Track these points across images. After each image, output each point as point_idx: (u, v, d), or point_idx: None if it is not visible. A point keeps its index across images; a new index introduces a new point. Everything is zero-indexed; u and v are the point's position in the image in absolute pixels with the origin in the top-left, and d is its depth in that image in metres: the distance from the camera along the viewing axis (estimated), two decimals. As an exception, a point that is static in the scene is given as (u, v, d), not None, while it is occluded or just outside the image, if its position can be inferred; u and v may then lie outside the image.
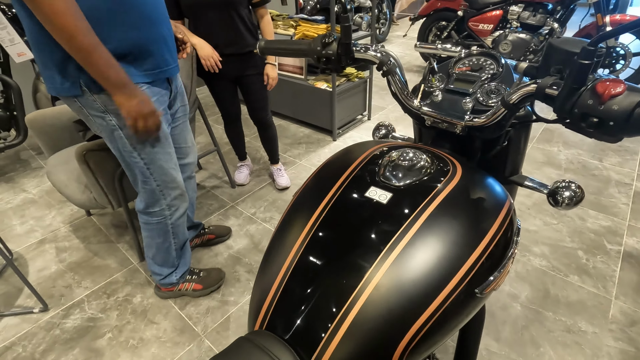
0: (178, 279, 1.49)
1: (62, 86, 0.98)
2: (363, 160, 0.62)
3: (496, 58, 0.68)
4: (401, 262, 0.48)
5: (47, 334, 1.42)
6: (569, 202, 0.66)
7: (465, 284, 0.48)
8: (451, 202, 0.53)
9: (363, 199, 0.55)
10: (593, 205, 1.94)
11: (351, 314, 0.46)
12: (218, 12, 1.59)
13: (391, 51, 0.71)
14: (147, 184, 1.21)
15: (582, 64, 0.44)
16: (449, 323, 0.48)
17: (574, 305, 1.43)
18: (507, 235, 0.55)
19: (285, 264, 0.53)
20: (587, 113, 0.45)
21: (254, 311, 0.53)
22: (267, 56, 1.62)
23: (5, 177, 2.45)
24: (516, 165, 0.74)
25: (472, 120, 0.62)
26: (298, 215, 0.58)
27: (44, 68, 0.97)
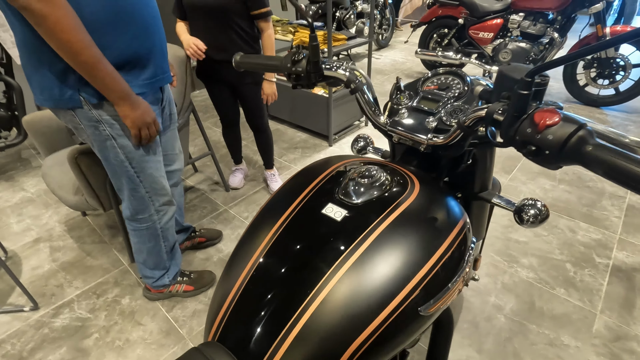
0: (170, 281, 1.51)
1: (61, 98, 0.98)
2: (326, 176, 0.63)
3: (463, 78, 0.70)
4: (348, 279, 0.49)
5: (36, 333, 1.45)
6: (533, 220, 0.67)
7: (409, 302, 0.49)
8: (403, 220, 0.54)
9: (319, 215, 0.57)
10: (585, 217, 1.93)
11: (297, 327, 0.48)
12: (211, 17, 1.62)
13: (360, 70, 0.73)
14: (136, 192, 1.22)
15: (521, 94, 0.45)
16: (391, 340, 0.49)
17: (558, 319, 1.42)
18: (458, 254, 0.56)
19: (241, 277, 0.54)
20: (526, 141, 0.46)
21: (209, 322, 0.55)
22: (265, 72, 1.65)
23: (5, 175, 2.49)
24: (484, 182, 0.75)
25: (432, 139, 0.63)
26: (258, 230, 0.59)
27: (39, 80, 0.96)
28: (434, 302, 0.51)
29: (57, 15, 0.80)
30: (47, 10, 0.78)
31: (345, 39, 2.58)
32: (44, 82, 0.96)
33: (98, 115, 1.04)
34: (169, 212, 1.37)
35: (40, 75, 0.95)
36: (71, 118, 1.05)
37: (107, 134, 1.08)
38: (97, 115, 1.03)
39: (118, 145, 1.10)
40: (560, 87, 3.56)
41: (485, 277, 1.61)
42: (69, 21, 0.82)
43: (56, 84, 0.96)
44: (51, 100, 0.99)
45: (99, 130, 1.07)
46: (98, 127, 1.06)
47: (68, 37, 0.83)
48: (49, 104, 1.01)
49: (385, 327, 0.48)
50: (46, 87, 0.97)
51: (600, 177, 2.22)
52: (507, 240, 1.80)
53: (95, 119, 1.04)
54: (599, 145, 0.41)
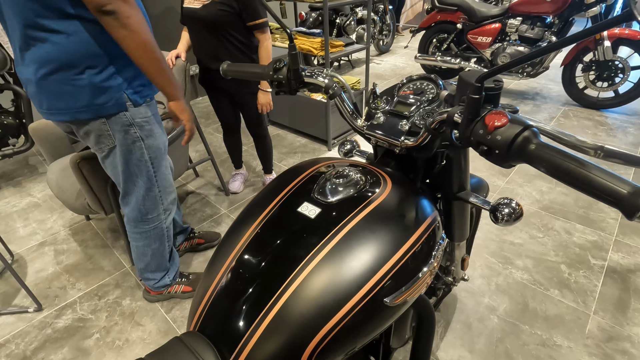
0: (171, 281, 1.55)
1: (105, 105, 1.01)
2: (306, 177, 0.67)
3: (436, 83, 0.73)
4: (318, 272, 0.52)
5: (40, 333, 1.49)
6: (508, 218, 0.70)
7: (374, 293, 0.52)
8: (374, 216, 0.58)
9: (295, 213, 0.60)
10: (581, 219, 1.94)
11: (269, 316, 0.51)
12: (207, 29, 1.65)
13: (339, 76, 0.77)
14: (150, 191, 1.27)
15: (473, 98, 0.48)
16: (357, 329, 0.52)
17: (551, 319, 1.43)
18: (426, 248, 0.59)
19: (221, 270, 0.58)
20: (479, 141, 0.49)
21: (192, 313, 0.58)
22: (260, 81, 1.70)
23: (13, 181, 2.57)
24: (462, 183, 0.78)
25: (404, 141, 0.66)
26: (239, 227, 0.63)
27: (72, 92, 0.96)
28: (400, 294, 0.54)
29: (139, 15, 0.89)
30: (132, 12, 0.87)
31: (342, 45, 2.63)
32: (80, 93, 0.98)
33: (131, 119, 1.09)
34: (172, 212, 1.42)
35: (76, 85, 0.97)
36: (100, 126, 1.07)
37: (137, 136, 1.14)
38: (130, 118, 1.09)
39: (145, 146, 1.17)
40: (560, 90, 3.57)
41: (479, 279, 1.62)
42: (144, 23, 0.91)
43: (100, 91, 0.99)
44: (93, 110, 1.01)
45: (129, 134, 1.11)
46: (129, 131, 1.11)
47: (147, 37, 0.91)
48: (88, 115, 1.01)
49: (352, 316, 0.51)
50: (84, 97, 0.99)
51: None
52: (501, 242, 1.81)
53: (128, 122, 1.09)
54: (542, 145, 0.44)
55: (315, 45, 2.48)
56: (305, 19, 4.03)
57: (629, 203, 0.37)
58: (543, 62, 3.24)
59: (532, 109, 3.27)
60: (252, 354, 0.50)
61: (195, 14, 1.62)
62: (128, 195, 1.28)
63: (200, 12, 1.60)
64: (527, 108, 3.30)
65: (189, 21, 1.69)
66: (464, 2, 3.49)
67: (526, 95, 3.59)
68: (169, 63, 1.71)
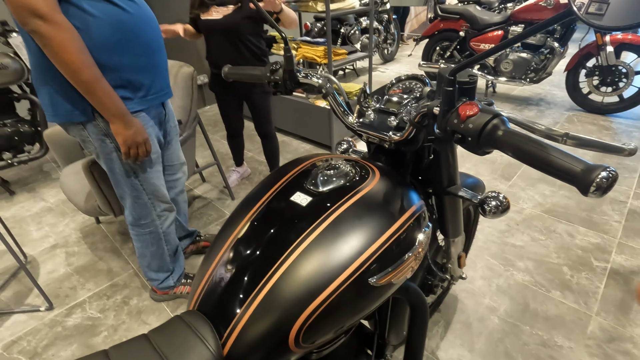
0: (175, 282, 1.59)
1: (73, 112, 1.05)
2: (301, 169, 0.71)
3: (424, 82, 0.77)
4: (307, 254, 0.56)
5: (50, 331, 1.54)
6: (495, 210, 0.73)
7: (360, 273, 0.56)
8: (361, 203, 0.62)
9: (288, 202, 0.64)
10: (584, 222, 1.94)
11: (260, 295, 0.55)
12: (225, 36, 1.77)
13: (332, 77, 0.81)
14: (139, 199, 1.31)
15: (447, 91, 0.52)
16: (343, 307, 0.55)
17: (552, 320, 1.43)
18: (410, 234, 0.62)
19: (219, 254, 0.62)
20: (455, 130, 0.52)
21: (192, 293, 0.63)
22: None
23: (27, 187, 2.66)
24: (451, 177, 0.81)
25: (392, 136, 0.70)
26: (237, 215, 0.67)
27: (50, 96, 1.03)
28: (384, 275, 0.58)
29: (62, 37, 0.88)
30: (53, 33, 0.86)
31: (345, 53, 2.69)
32: (55, 99, 1.03)
33: (105, 129, 1.11)
34: (169, 218, 1.45)
35: (52, 92, 1.02)
36: (80, 131, 1.12)
37: (112, 147, 1.16)
38: (104, 128, 1.11)
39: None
40: (564, 96, 3.57)
41: (479, 280, 1.63)
42: (72, 43, 0.89)
43: (68, 99, 1.03)
44: (63, 115, 1.06)
45: (106, 143, 1.15)
46: (105, 140, 1.14)
47: (70, 58, 0.90)
48: (60, 119, 1.07)
49: (338, 295, 0.54)
50: (58, 102, 1.04)
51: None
52: (503, 245, 1.82)
53: (102, 132, 1.12)
54: (508, 131, 0.47)
55: (319, 54, 2.55)
56: (310, 29, 4.13)
57: (582, 179, 0.40)
58: (546, 68, 3.26)
59: (536, 115, 3.28)
60: (245, 329, 0.54)
61: (217, 24, 1.73)
62: (122, 199, 1.33)
63: (222, 22, 1.72)
64: (532, 113, 3.31)
65: (209, 31, 1.79)
66: (466, 10, 3.55)
67: (530, 101, 3.60)
68: (176, 30, 1.76)
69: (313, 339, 0.55)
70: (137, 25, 1.06)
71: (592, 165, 0.41)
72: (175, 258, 1.57)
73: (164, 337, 0.54)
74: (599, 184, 0.39)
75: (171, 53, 3.86)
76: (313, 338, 0.55)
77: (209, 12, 1.74)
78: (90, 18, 0.96)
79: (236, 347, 0.54)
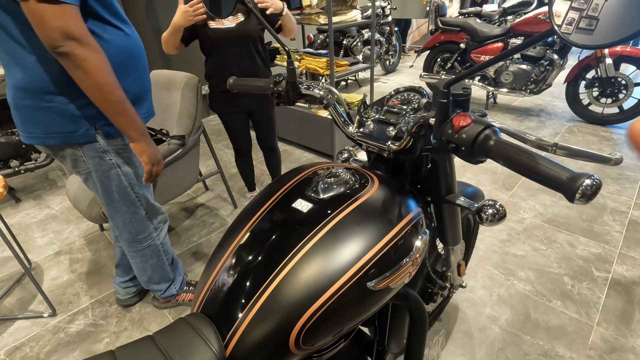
0: (178, 290, 1.60)
1: (74, 133, 1.03)
2: (302, 177, 0.74)
3: (422, 93, 0.80)
4: (307, 258, 0.58)
5: (53, 337, 1.55)
6: (492, 218, 0.74)
7: (358, 277, 0.58)
8: (360, 209, 0.64)
9: (289, 208, 0.66)
10: (585, 232, 1.94)
11: (262, 298, 0.57)
12: (238, 45, 1.71)
13: (333, 88, 0.84)
14: (137, 214, 1.30)
15: (442, 102, 0.54)
16: (343, 310, 0.57)
17: (553, 330, 1.43)
18: (408, 240, 0.64)
19: (223, 258, 0.64)
20: (449, 140, 0.55)
21: (196, 297, 0.64)
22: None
23: (33, 194, 2.70)
24: (449, 186, 0.83)
25: (391, 145, 0.73)
26: (240, 221, 0.70)
27: (45, 119, 0.98)
28: (382, 280, 0.59)
29: (96, 58, 0.88)
30: (87, 54, 0.86)
31: (347, 64, 2.74)
32: (52, 118, 1.00)
33: (105, 146, 1.10)
34: (164, 228, 1.46)
35: (48, 111, 0.98)
36: (73, 152, 1.09)
37: (112, 163, 1.14)
38: (104, 145, 1.10)
39: (122, 173, 1.18)
40: (564, 107, 3.61)
41: (480, 289, 1.63)
42: (105, 65, 0.90)
43: (71, 119, 1.00)
44: (61, 137, 1.03)
45: (104, 160, 1.12)
46: (104, 157, 1.12)
47: (105, 79, 0.90)
48: (56, 141, 1.04)
49: (337, 298, 0.56)
50: (55, 123, 1.00)
51: (603, 193, 2.23)
52: (504, 254, 1.82)
53: (102, 149, 1.10)
54: (500, 141, 0.50)
55: (321, 65, 2.60)
56: (313, 41, 4.20)
57: (568, 187, 0.43)
58: (546, 79, 3.29)
59: (537, 125, 3.30)
60: (247, 331, 0.55)
61: (231, 33, 1.66)
62: (114, 219, 1.30)
63: (237, 30, 1.67)
64: (532, 124, 3.33)
65: (221, 41, 1.68)
66: (467, 23, 3.61)
67: (531, 112, 3.63)
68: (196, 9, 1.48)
69: (313, 341, 0.56)
70: (138, 49, 1.09)
71: (577, 173, 0.43)
72: (174, 266, 1.58)
73: (168, 338, 0.56)
74: (584, 191, 0.41)
75: (173, 64, 3.92)
76: (313, 340, 0.56)
77: (217, 20, 1.67)
78: (103, 43, 0.96)
79: (238, 349, 0.55)
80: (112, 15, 1.00)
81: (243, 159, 2.16)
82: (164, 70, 2.03)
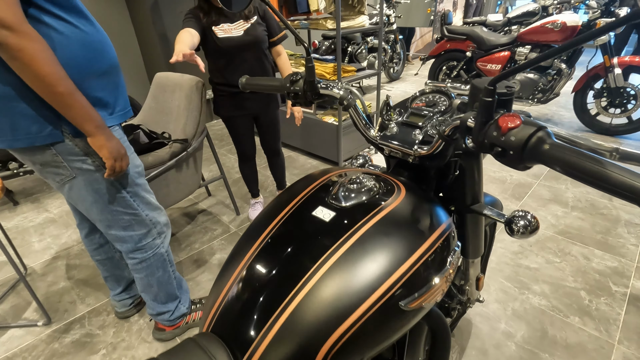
0: (188, 308, 1.49)
1: (39, 134, 0.96)
2: (320, 184, 0.68)
3: (448, 95, 0.75)
4: (332, 273, 0.52)
5: (47, 347, 1.48)
6: (523, 230, 0.69)
7: (389, 297, 0.52)
8: (388, 221, 0.58)
9: (310, 217, 0.61)
10: (600, 244, 1.88)
11: (282, 317, 0.50)
12: (248, 51, 1.70)
13: (353, 89, 0.79)
14: (137, 216, 1.21)
15: (486, 101, 0.49)
16: (372, 332, 0.51)
17: (572, 348, 1.36)
18: (441, 254, 0.58)
19: (236, 273, 0.58)
20: (494, 143, 0.49)
21: (205, 314, 0.58)
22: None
23: (31, 197, 2.64)
24: (475, 195, 0.77)
25: (418, 150, 0.67)
26: (254, 230, 0.64)
27: (10, 119, 0.93)
28: (416, 298, 0.53)
29: (33, 48, 0.80)
30: (23, 44, 0.79)
31: (354, 70, 2.71)
32: (16, 121, 0.93)
33: (85, 148, 1.03)
34: (168, 234, 1.36)
35: (12, 114, 0.93)
36: (52, 157, 1.01)
37: (97, 165, 1.07)
38: (83, 148, 1.03)
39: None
40: (571, 117, 3.57)
41: (494, 303, 1.57)
42: (45, 54, 0.82)
43: (34, 120, 0.94)
44: (27, 139, 0.96)
45: (88, 164, 1.05)
46: (86, 161, 1.05)
47: (45, 69, 0.83)
48: (23, 143, 0.97)
49: (367, 319, 0.50)
50: (20, 125, 0.94)
51: (616, 204, 2.17)
52: (517, 267, 1.76)
53: (83, 152, 1.03)
54: (556, 145, 0.44)
55: (328, 70, 2.56)
56: (318, 47, 4.18)
57: None
58: (553, 88, 3.26)
59: (544, 135, 3.26)
60: (265, 355, 0.49)
61: (241, 41, 1.66)
62: (110, 228, 1.20)
63: (245, 38, 1.66)
64: (539, 133, 3.29)
65: (231, 49, 1.67)
66: (473, 31, 3.59)
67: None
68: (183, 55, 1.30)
69: None
70: (102, 43, 1.02)
71: None
72: (178, 283, 1.46)
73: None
74: None
75: (177, 67, 3.89)
76: None
77: (223, 30, 1.64)
78: (59, 36, 0.91)
79: None
80: (64, 9, 0.92)
81: (247, 164, 2.12)
82: (168, 73, 1.99)
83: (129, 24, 3.62)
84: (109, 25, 3.48)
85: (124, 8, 3.54)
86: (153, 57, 3.71)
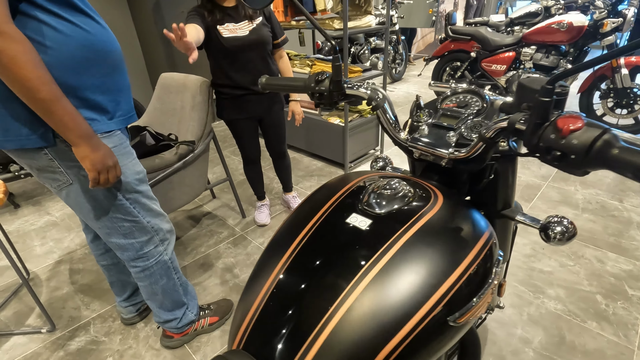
0: (196, 315, 1.45)
1: (30, 136, 0.92)
2: (349, 189, 0.64)
3: (481, 95, 0.71)
4: (374, 287, 0.49)
5: (52, 355, 1.44)
6: (560, 237, 0.66)
7: (437, 312, 0.48)
8: (428, 230, 0.54)
9: (344, 225, 0.57)
10: (613, 247, 1.85)
11: (322, 335, 0.47)
12: (254, 51, 1.68)
13: (381, 88, 0.76)
14: (137, 223, 1.16)
15: (543, 101, 0.46)
16: (420, 350, 0.48)
17: (591, 354, 1.33)
18: (485, 266, 0.55)
19: (266, 286, 0.55)
20: (551, 147, 0.46)
21: (234, 330, 0.55)
22: (291, 93, 1.72)
23: (33, 200, 2.59)
24: (507, 199, 0.74)
25: (454, 153, 0.64)
26: (282, 240, 0.60)
27: (1, 120, 0.90)
28: (464, 313, 0.50)
29: (14, 49, 0.76)
30: (5, 45, 0.75)
31: (360, 71, 2.68)
32: (7, 122, 0.90)
33: None
34: (172, 241, 1.31)
35: (2, 115, 0.90)
36: (48, 162, 0.98)
37: None
38: None
39: None
40: (577, 117, 3.54)
41: (509, 308, 1.54)
42: (26, 57, 0.78)
43: (24, 122, 0.90)
44: (17, 141, 0.93)
45: (84, 170, 1.00)
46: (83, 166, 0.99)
47: (24, 73, 0.78)
48: (14, 145, 0.93)
49: (414, 337, 0.47)
50: (11, 127, 0.91)
51: (627, 206, 2.15)
52: (530, 270, 1.73)
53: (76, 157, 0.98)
54: (626, 148, 0.41)
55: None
56: (322, 47, 4.15)
57: None
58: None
59: (550, 136, 3.23)
60: None
61: (246, 40, 1.63)
62: (110, 236, 1.16)
63: (250, 37, 1.64)
64: (545, 134, 3.27)
65: (237, 49, 1.64)
66: (478, 32, 3.57)
67: (543, 122, 3.57)
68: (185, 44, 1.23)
69: None
70: (103, 43, 0.98)
71: None
72: (185, 289, 1.41)
73: None
74: None
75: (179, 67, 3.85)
76: None
77: (228, 29, 1.61)
78: (57, 34, 0.86)
79: None
80: (62, 6, 0.88)
81: (252, 167, 2.09)
82: (174, 74, 1.96)
83: (130, 24, 3.58)
84: (110, 25, 3.43)
85: (126, 8, 3.51)
86: (155, 57, 3.67)
